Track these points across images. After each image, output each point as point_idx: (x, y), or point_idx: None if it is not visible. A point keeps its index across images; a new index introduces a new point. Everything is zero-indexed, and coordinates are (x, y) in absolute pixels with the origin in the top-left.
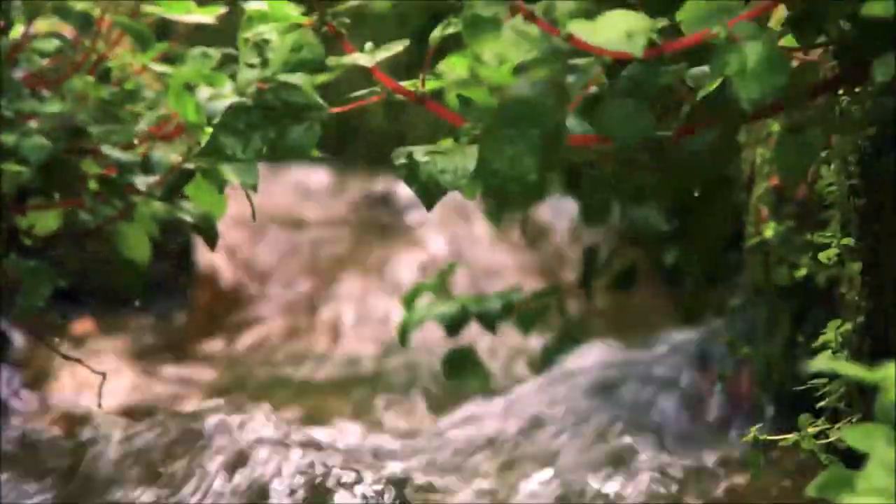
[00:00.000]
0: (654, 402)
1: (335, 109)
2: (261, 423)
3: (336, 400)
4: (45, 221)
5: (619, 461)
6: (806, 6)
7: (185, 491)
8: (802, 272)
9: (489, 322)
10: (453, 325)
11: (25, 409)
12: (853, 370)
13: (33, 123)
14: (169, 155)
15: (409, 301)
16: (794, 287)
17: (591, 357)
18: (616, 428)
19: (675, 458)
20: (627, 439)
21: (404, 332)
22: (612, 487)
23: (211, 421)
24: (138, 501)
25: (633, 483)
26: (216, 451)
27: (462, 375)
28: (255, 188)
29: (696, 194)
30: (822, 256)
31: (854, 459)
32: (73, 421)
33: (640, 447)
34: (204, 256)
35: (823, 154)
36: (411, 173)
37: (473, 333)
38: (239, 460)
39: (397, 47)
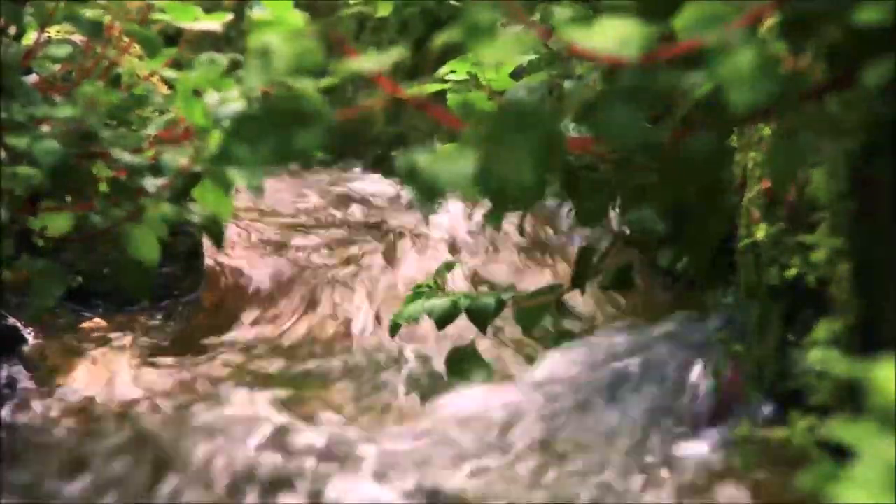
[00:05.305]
0: (647, 398)
1: (340, 115)
2: (268, 422)
3: (348, 399)
4: (57, 223)
5: (618, 458)
6: (798, 11)
7: (193, 488)
8: (793, 273)
9: (481, 319)
10: (443, 319)
11: (36, 405)
12: (846, 367)
13: (45, 128)
14: (177, 158)
15: (410, 300)
16: (785, 287)
17: (582, 353)
18: (614, 426)
19: (666, 455)
20: (625, 436)
21: (395, 326)
22: (609, 486)
23: (220, 419)
24: (147, 498)
25: (626, 481)
26: (223, 449)
27: (465, 371)
28: (260, 191)
29: (693, 196)
30: (813, 257)
31: (843, 454)
32: (84, 418)
33: (634, 446)
34: (213, 257)
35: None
36: (412, 175)
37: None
38: (245, 460)
39: (399, 53)
